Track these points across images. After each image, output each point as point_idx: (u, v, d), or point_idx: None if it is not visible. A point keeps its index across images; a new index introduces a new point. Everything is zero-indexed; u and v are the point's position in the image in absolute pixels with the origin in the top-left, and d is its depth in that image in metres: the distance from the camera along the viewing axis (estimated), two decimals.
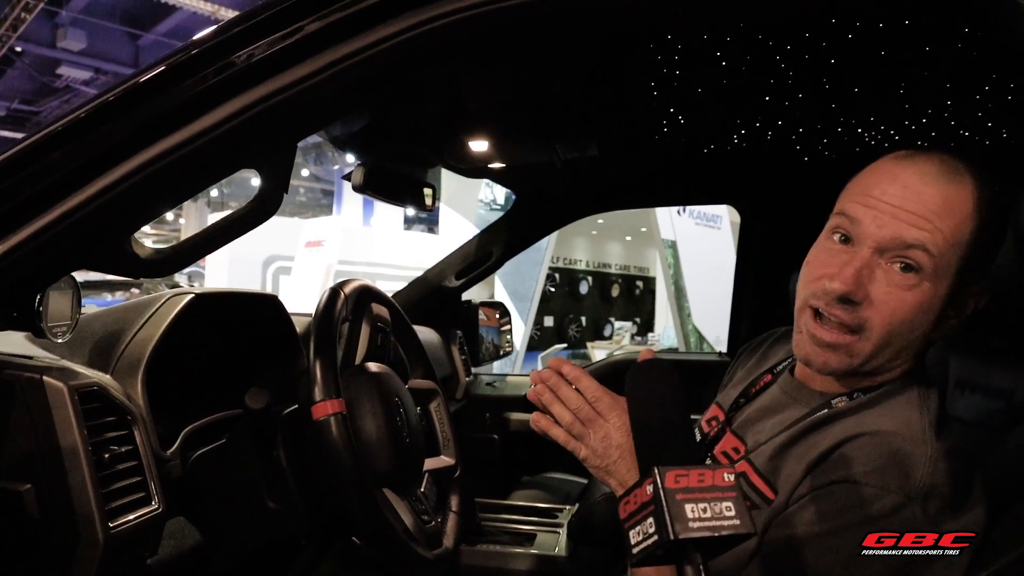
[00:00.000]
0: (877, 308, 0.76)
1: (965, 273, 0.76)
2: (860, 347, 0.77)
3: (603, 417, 0.84)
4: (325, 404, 0.92)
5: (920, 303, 0.75)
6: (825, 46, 1.14)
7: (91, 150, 0.77)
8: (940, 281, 0.75)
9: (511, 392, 2.34)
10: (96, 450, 0.87)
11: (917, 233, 0.74)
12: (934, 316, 0.77)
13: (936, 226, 0.74)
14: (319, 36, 0.76)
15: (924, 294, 0.75)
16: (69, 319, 0.95)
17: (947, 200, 0.75)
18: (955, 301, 0.78)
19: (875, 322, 0.76)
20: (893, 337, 0.77)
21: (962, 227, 0.75)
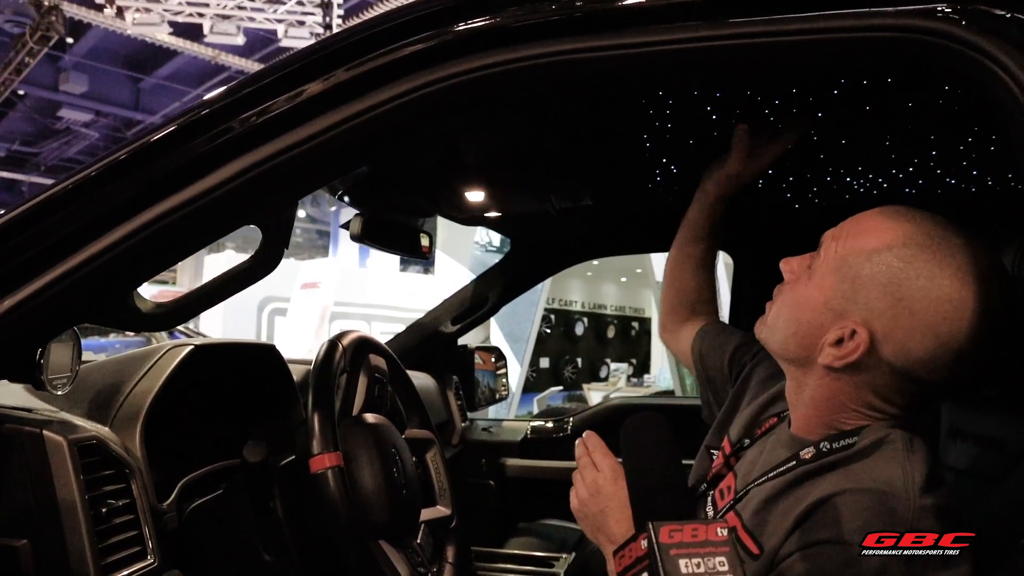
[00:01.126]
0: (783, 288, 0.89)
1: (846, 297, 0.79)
2: (766, 317, 0.89)
3: (596, 466, 0.86)
4: (323, 457, 0.92)
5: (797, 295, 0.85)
6: (812, 101, 1.17)
7: (98, 208, 0.79)
8: (817, 284, 0.82)
9: (507, 437, 2.33)
10: (93, 504, 0.87)
11: (827, 239, 0.84)
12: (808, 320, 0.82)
13: (841, 236, 0.82)
14: (321, 99, 0.79)
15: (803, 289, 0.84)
16: (69, 371, 0.96)
17: (864, 223, 0.82)
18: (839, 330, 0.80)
19: (777, 299, 0.89)
20: (778, 319, 0.87)
21: (854, 245, 0.80)
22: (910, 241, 0.77)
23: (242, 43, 9.89)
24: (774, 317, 0.88)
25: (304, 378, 1.47)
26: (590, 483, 0.85)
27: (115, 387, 1.08)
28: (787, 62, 0.79)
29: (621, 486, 0.82)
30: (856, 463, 0.79)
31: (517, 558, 1.77)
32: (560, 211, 1.70)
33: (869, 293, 0.78)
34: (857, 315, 0.79)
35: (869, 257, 0.79)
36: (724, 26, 0.73)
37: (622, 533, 0.79)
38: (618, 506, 0.81)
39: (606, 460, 0.85)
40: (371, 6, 9.88)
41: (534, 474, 2.30)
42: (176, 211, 0.79)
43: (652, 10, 0.74)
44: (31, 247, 0.80)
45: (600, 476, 0.84)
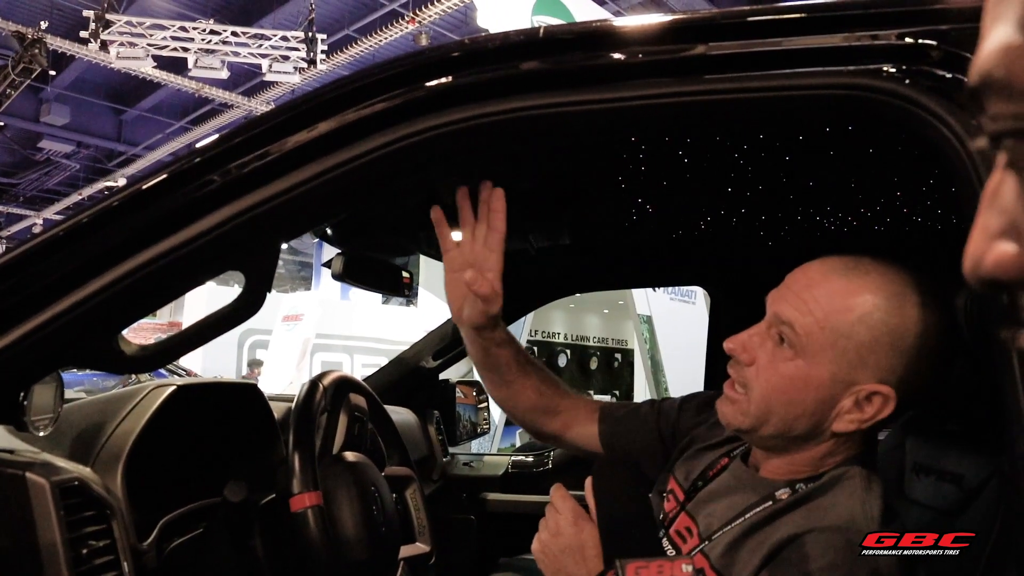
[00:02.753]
0: (757, 372, 0.85)
1: (853, 365, 0.81)
2: (746, 406, 0.86)
3: (557, 510, 0.88)
4: (303, 496, 0.94)
5: (792, 377, 0.82)
6: (779, 146, 1.22)
7: (84, 256, 0.81)
8: (815, 362, 0.82)
9: (488, 472, 2.34)
10: (74, 545, 0.88)
11: (790, 312, 0.83)
12: (816, 396, 0.82)
13: (809, 308, 0.82)
14: (304, 150, 0.82)
15: (797, 369, 0.82)
16: (52, 412, 0.97)
17: (831, 289, 0.82)
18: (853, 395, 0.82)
19: (755, 384, 0.85)
20: (771, 403, 0.84)
21: (839, 315, 0.81)
22: (889, 293, 0.81)
23: (226, 76, 9.95)
24: (766, 406, 0.85)
25: (285, 416, 1.47)
26: (551, 525, 0.87)
27: (97, 427, 1.09)
28: (754, 115, 0.84)
29: (581, 527, 0.85)
30: (817, 499, 0.83)
31: None
32: (538, 250, 1.74)
33: (878, 356, 0.80)
34: (870, 378, 0.81)
35: (862, 322, 0.80)
36: (692, 82, 0.77)
37: (582, 573, 0.82)
38: (577, 546, 0.84)
39: (566, 503, 0.88)
40: (354, 42, 10.00)
41: (515, 508, 2.30)
42: (161, 258, 0.81)
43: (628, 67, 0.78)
44: (17, 292, 0.81)
45: (561, 518, 0.87)
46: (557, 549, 0.85)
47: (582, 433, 1.19)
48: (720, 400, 0.91)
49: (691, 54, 0.76)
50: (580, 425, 1.19)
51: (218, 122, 12.09)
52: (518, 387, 1.16)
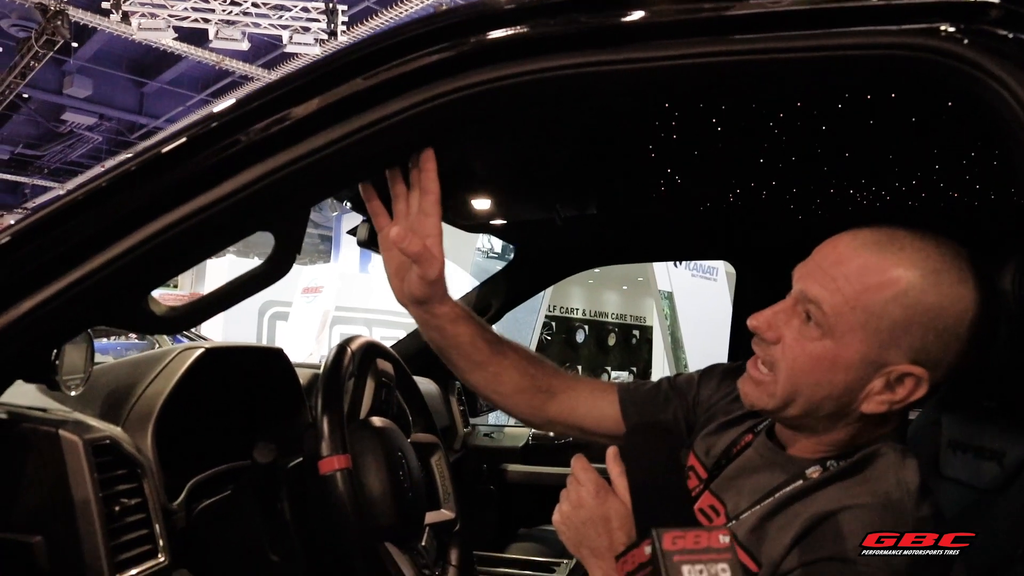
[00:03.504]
0: (783, 350, 0.81)
1: (884, 346, 0.77)
2: (773, 387, 0.82)
3: (579, 481, 0.85)
4: (332, 459, 0.94)
5: (820, 356, 0.79)
6: (816, 115, 1.19)
7: (115, 214, 0.81)
8: (843, 342, 0.78)
9: (509, 443, 2.34)
10: (106, 502, 0.89)
11: (817, 290, 0.78)
12: (845, 378, 0.79)
13: (838, 286, 0.77)
14: (337, 108, 0.81)
15: (825, 350, 0.78)
16: (83, 372, 0.97)
17: (862, 265, 0.78)
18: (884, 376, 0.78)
19: (781, 364, 0.81)
20: (798, 384, 0.80)
21: (871, 294, 0.76)
22: (926, 270, 0.76)
23: (247, 48, 9.93)
24: (792, 387, 0.81)
25: (310, 382, 1.48)
26: (573, 497, 0.84)
27: (127, 388, 1.09)
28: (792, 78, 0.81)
29: (603, 499, 0.82)
30: (851, 478, 0.80)
31: (518, 563, 1.78)
32: (565, 220, 1.72)
33: (912, 336, 0.76)
34: (902, 358, 0.77)
35: (895, 301, 0.76)
36: (731, 42, 0.74)
37: (604, 545, 0.80)
38: (599, 518, 0.81)
39: (588, 474, 0.84)
40: (375, 13, 9.92)
41: (535, 480, 2.31)
42: (191, 218, 0.80)
43: (661, 26, 0.75)
44: (50, 251, 0.81)
45: (583, 490, 0.83)
46: (579, 521, 0.83)
47: (592, 414, 1.11)
48: (743, 379, 0.87)
49: (727, 13, 0.73)
50: (588, 405, 1.12)
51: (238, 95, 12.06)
52: (495, 369, 1.06)
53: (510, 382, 1.07)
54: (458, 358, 1.05)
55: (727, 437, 0.99)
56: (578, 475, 0.85)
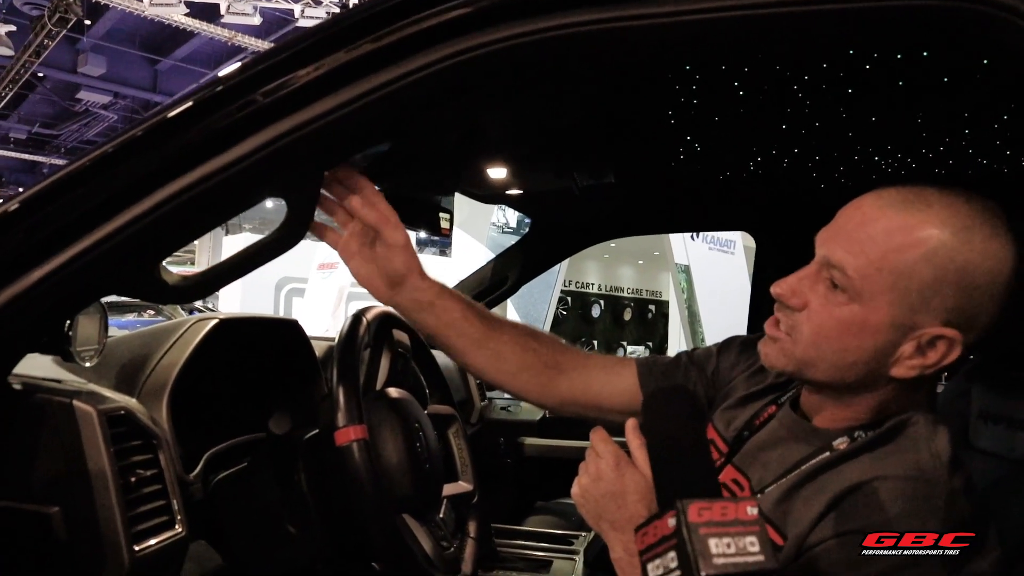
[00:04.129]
0: (808, 316, 0.78)
1: (914, 309, 0.74)
2: (791, 348, 0.80)
3: (598, 454, 0.83)
4: (348, 430, 0.92)
5: (846, 322, 0.76)
6: (843, 76, 1.15)
7: (122, 181, 0.79)
8: (872, 306, 0.75)
9: (525, 417, 2.34)
10: (122, 473, 0.88)
11: (841, 254, 0.76)
12: (874, 343, 0.76)
13: (863, 249, 0.74)
14: (348, 69, 0.78)
15: (852, 314, 0.76)
16: (97, 343, 0.96)
17: (888, 225, 0.74)
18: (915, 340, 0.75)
19: (804, 329, 0.78)
20: (821, 349, 0.78)
21: (898, 255, 0.73)
22: (956, 227, 0.73)
23: (258, 23, 9.87)
24: (815, 351, 0.79)
25: (325, 354, 1.47)
26: (592, 470, 0.82)
27: (142, 359, 1.09)
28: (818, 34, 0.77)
29: (623, 472, 0.80)
30: (881, 448, 0.78)
31: (537, 535, 1.77)
32: (582, 189, 1.69)
33: (943, 297, 0.73)
34: (933, 320, 0.74)
35: (925, 261, 0.73)
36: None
37: (624, 518, 0.78)
38: (619, 492, 0.79)
39: (607, 447, 0.82)
40: None
41: (552, 453, 2.30)
42: (201, 183, 0.78)
43: None
44: (59, 219, 0.80)
45: (602, 462, 0.81)
46: (598, 494, 0.81)
47: (607, 390, 1.07)
48: (762, 341, 0.84)
49: None
50: (602, 382, 1.07)
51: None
52: (494, 346, 1.02)
53: (513, 359, 1.03)
54: (455, 338, 1.00)
55: (748, 410, 0.96)
56: (597, 447, 0.83)
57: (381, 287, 0.96)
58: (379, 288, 0.96)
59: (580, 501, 0.83)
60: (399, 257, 0.94)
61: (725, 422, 0.97)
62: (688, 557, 0.57)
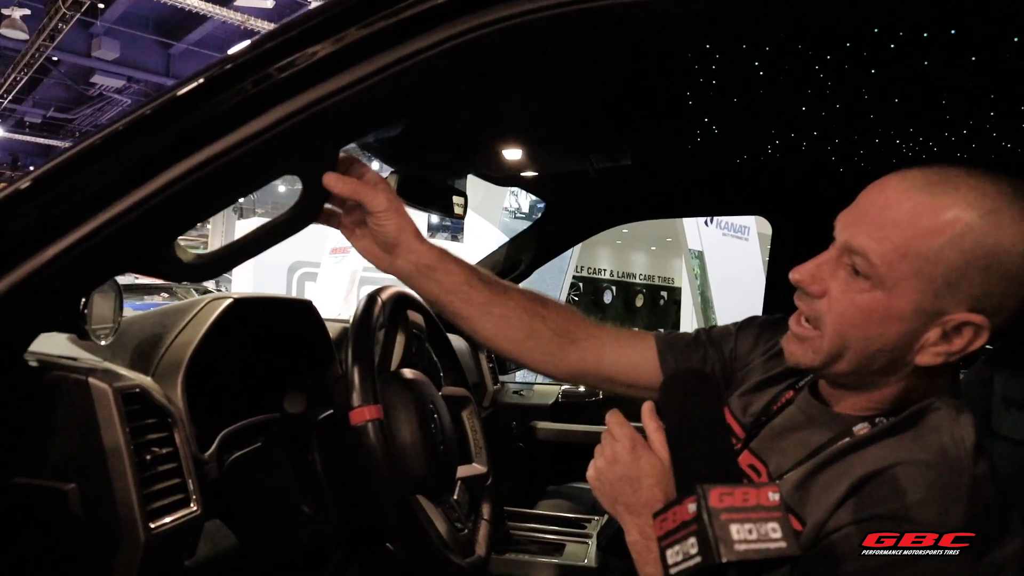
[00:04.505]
0: (830, 304, 0.76)
1: (940, 294, 0.72)
2: (819, 344, 0.78)
3: (614, 437, 0.82)
4: (363, 410, 0.92)
5: (869, 309, 0.74)
6: (866, 56, 1.13)
7: (136, 157, 0.78)
8: (896, 293, 0.73)
9: (538, 401, 2.34)
10: (138, 451, 0.88)
11: (863, 240, 0.73)
12: (898, 331, 0.74)
13: (886, 234, 0.72)
14: (361, 45, 0.77)
15: (875, 302, 0.74)
16: (112, 322, 0.96)
17: (913, 209, 0.72)
18: (940, 326, 0.74)
19: (827, 318, 0.77)
20: (847, 339, 0.76)
21: (923, 239, 0.71)
22: (984, 209, 0.71)
23: (271, 7, 9.85)
24: (840, 342, 0.77)
25: (339, 336, 1.47)
26: (608, 453, 0.81)
27: (156, 338, 1.09)
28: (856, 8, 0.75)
29: (639, 455, 0.79)
30: (902, 433, 0.76)
31: (549, 519, 1.77)
32: (598, 171, 1.67)
33: (970, 282, 0.71)
34: (960, 306, 0.72)
35: (951, 245, 0.71)
36: None
37: (640, 502, 0.77)
38: (634, 476, 0.78)
39: (624, 430, 0.81)
40: None
41: (564, 437, 2.30)
42: (216, 159, 0.78)
43: None
44: (74, 195, 0.79)
45: (618, 445, 0.80)
46: (614, 477, 0.80)
47: (621, 363, 1.05)
48: (786, 338, 0.83)
49: None
50: (617, 354, 1.05)
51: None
52: (500, 311, 0.99)
53: (521, 325, 1.01)
54: (460, 304, 0.98)
55: (766, 395, 0.95)
56: (613, 430, 0.82)
57: (379, 254, 0.95)
58: (378, 256, 0.95)
59: (595, 484, 0.83)
60: (388, 221, 0.92)
61: (742, 407, 0.96)
62: (709, 543, 0.56)
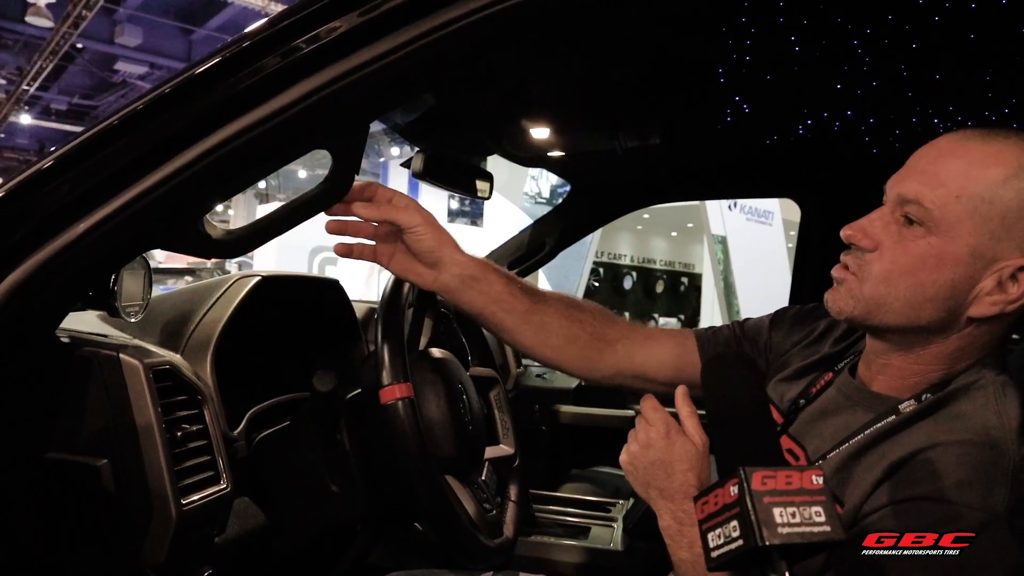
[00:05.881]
0: (880, 255, 0.75)
1: (996, 237, 0.71)
2: (857, 288, 0.77)
3: (648, 422, 0.81)
4: (393, 388, 0.91)
5: (923, 255, 0.73)
6: (908, 29, 1.09)
7: (163, 133, 0.78)
8: (951, 236, 0.71)
9: (561, 384, 2.32)
10: (168, 428, 0.88)
11: (916, 187, 0.73)
12: (952, 276, 0.72)
13: (940, 180, 0.72)
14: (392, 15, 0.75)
15: (929, 247, 0.72)
16: (141, 299, 0.96)
17: (968, 157, 0.72)
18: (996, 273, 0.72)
19: (875, 267, 0.75)
20: (894, 285, 0.74)
21: (978, 182, 0.70)
22: None
23: None
24: (885, 289, 0.75)
25: (365, 316, 1.47)
26: (642, 438, 0.81)
27: (185, 316, 1.08)
28: None
29: (672, 440, 0.79)
30: (944, 409, 0.74)
31: (574, 502, 1.76)
32: (626, 151, 1.64)
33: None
34: (1015, 251, 0.71)
35: (1007, 186, 0.70)
36: None
37: (674, 486, 0.77)
38: (668, 460, 0.78)
39: (658, 415, 0.81)
40: None
41: (587, 421, 2.29)
42: (244, 134, 0.77)
43: None
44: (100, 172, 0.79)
45: (652, 430, 0.80)
46: (647, 462, 0.80)
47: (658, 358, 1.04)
48: (829, 290, 0.81)
49: None
50: (655, 351, 1.05)
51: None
52: (540, 318, 1.00)
53: (560, 331, 1.02)
54: (503, 315, 0.99)
55: (803, 381, 0.93)
56: (647, 415, 0.82)
57: (422, 271, 0.96)
58: (421, 273, 0.96)
59: (629, 468, 0.82)
60: (425, 234, 0.94)
61: (779, 394, 0.94)
62: (751, 526, 0.55)
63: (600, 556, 1.49)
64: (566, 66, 1.27)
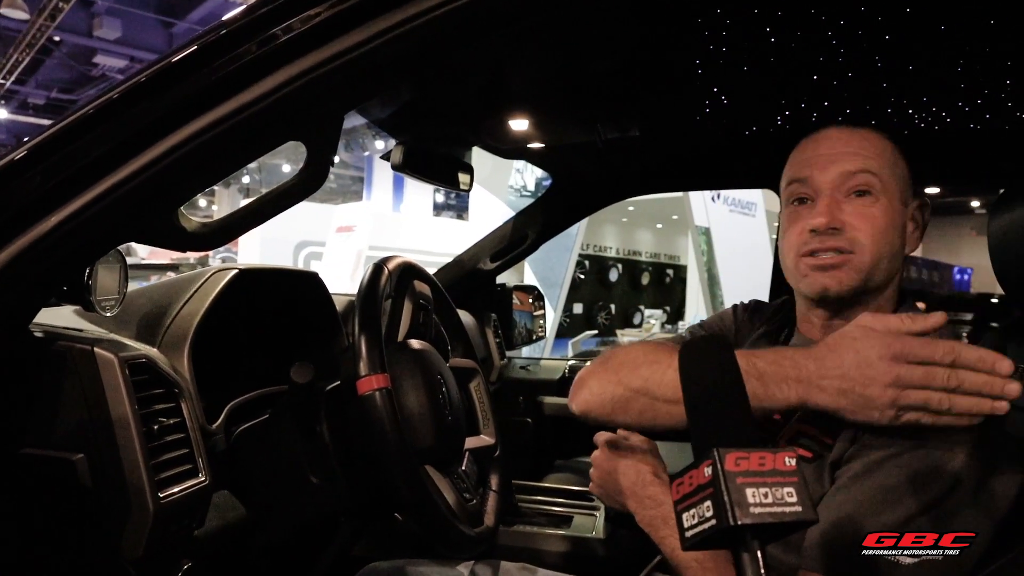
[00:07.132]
0: (858, 227, 0.85)
1: (905, 191, 0.89)
2: (859, 261, 0.85)
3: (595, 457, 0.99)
4: (370, 379, 0.91)
5: (886, 217, 0.86)
6: (881, 21, 1.10)
7: (136, 124, 0.77)
8: (891, 197, 0.87)
9: (545, 376, 2.33)
10: (145, 421, 0.88)
11: (856, 161, 0.86)
12: (902, 227, 0.88)
13: (866, 154, 0.87)
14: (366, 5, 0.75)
15: (885, 209, 0.86)
16: (117, 293, 0.96)
17: (865, 138, 0.88)
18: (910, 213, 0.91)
19: (862, 238, 0.85)
20: (881, 249, 0.86)
21: (885, 153, 0.88)
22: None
23: None
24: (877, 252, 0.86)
25: (345, 309, 1.46)
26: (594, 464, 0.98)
27: (162, 309, 1.08)
28: None
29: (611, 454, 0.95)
30: None
31: (556, 491, 1.77)
32: (606, 142, 1.65)
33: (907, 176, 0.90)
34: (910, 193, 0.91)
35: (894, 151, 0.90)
36: None
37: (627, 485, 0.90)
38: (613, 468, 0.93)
39: (599, 439, 0.99)
40: None
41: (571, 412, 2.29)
42: (219, 124, 0.76)
43: None
44: (73, 163, 0.78)
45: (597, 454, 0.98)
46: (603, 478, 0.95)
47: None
48: (819, 274, 0.87)
49: None
50: None
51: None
52: None
53: None
54: None
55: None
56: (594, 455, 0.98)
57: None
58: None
59: (599, 493, 0.98)
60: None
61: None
62: (724, 506, 0.56)
63: (582, 544, 1.50)
64: (544, 58, 1.27)
